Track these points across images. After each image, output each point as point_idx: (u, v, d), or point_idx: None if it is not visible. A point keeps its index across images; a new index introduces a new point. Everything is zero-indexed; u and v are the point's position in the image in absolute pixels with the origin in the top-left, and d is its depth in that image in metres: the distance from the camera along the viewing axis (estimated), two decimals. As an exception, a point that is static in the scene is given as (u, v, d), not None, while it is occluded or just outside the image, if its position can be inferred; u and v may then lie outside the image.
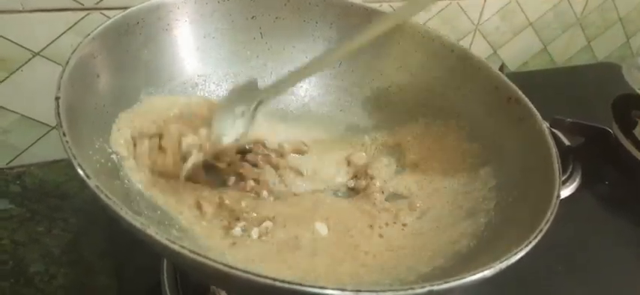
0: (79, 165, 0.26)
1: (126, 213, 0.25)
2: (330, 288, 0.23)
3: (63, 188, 0.53)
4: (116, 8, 0.51)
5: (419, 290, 0.24)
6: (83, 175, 0.26)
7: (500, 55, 0.84)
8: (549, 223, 0.29)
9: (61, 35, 0.51)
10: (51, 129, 0.56)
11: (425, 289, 0.24)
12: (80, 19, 0.51)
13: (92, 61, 0.35)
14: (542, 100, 0.42)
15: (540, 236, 0.29)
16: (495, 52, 0.83)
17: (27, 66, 0.51)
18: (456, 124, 0.44)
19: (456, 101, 0.45)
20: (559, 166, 0.34)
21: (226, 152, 0.42)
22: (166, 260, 0.42)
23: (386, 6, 0.66)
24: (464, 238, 0.36)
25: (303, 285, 0.23)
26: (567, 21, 0.87)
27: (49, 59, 0.51)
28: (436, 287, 0.25)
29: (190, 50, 0.44)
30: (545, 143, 0.36)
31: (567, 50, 0.92)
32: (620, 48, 0.98)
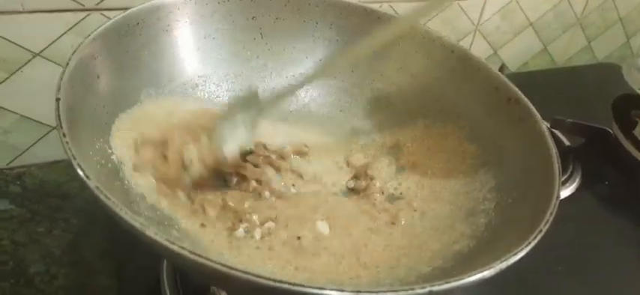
0: (79, 166, 0.26)
1: (125, 214, 0.25)
2: (330, 288, 0.23)
3: (63, 188, 0.53)
4: (116, 9, 0.51)
5: (419, 290, 0.24)
6: (83, 176, 0.26)
7: (500, 56, 0.84)
8: (549, 223, 0.29)
9: (62, 36, 0.51)
10: (51, 129, 0.56)
11: (425, 289, 0.24)
12: (80, 20, 0.51)
13: (92, 62, 0.35)
14: (542, 101, 0.42)
15: (540, 236, 0.29)
16: (495, 53, 0.83)
17: (27, 66, 0.51)
18: (456, 125, 0.44)
19: (456, 102, 0.45)
20: (559, 166, 0.34)
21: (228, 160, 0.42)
22: (166, 260, 0.42)
23: (386, 6, 0.66)
24: (464, 238, 0.36)
25: (303, 286, 0.23)
26: (567, 21, 0.87)
27: (50, 60, 0.51)
28: (436, 287, 0.25)
29: (190, 51, 0.45)
30: (545, 143, 0.36)
31: (567, 50, 0.92)
32: (620, 48, 0.98)
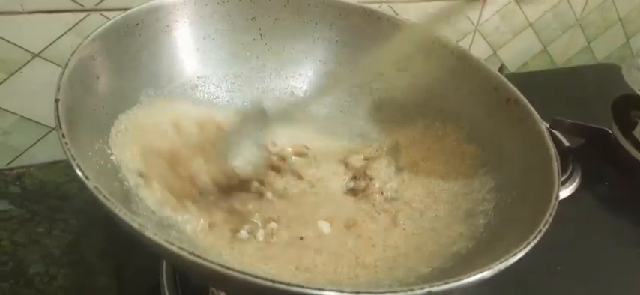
0: (78, 167, 0.26)
1: (124, 215, 0.25)
2: (329, 289, 0.23)
3: (63, 189, 0.53)
4: (116, 10, 0.51)
5: (418, 291, 0.24)
6: (82, 176, 0.26)
7: (500, 56, 0.83)
8: (548, 224, 0.29)
9: (61, 36, 0.51)
10: (51, 130, 0.56)
11: (424, 290, 0.24)
12: (80, 21, 0.51)
13: (92, 63, 0.35)
14: (542, 101, 0.42)
15: (539, 237, 0.29)
16: (495, 53, 0.83)
17: (27, 67, 0.51)
18: (456, 125, 0.44)
19: (456, 102, 0.45)
20: (558, 167, 0.34)
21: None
22: (165, 261, 0.42)
23: (385, 7, 0.66)
24: (463, 239, 0.36)
25: (301, 286, 0.23)
26: (567, 21, 0.87)
27: (49, 60, 0.51)
28: (435, 288, 0.25)
29: (190, 51, 0.44)
30: (544, 144, 0.36)
31: (567, 51, 0.92)
32: (619, 48, 0.98)
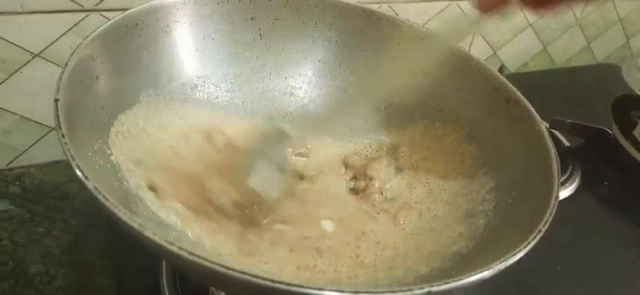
0: (78, 167, 0.26)
1: (124, 215, 0.25)
2: (329, 289, 0.23)
3: (63, 189, 0.53)
4: (115, 10, 0.51)
5: (417, 291, 0.24)
6: (82, 176, 0.26)
7: (500, 56, 0.83)
8: (548, 224, 0.29)
9: (61, 37, 0.51)
10: (50, 130, 0.56)
11: (423, 290, 0.24)
12: (80, 21, 0.51)
13: (91, 63, 0.35)
14: (542, 101, 0.42)
15: (539, 237, 0.28)
16: (495, 53, 0.83)
17: (27, 67, 0.51)
18: (456, 125, 0.44)
19: (456, 102, 0.45)
20: (558, 167, 0.34)
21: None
22: (165, 261, 0.42)
23: (385, 7, 0.66)
24: (463, 239, 0.36)
25: (301, 286, 0.23)
26: (567, 22, 0.87)
27: (49, 60, 0.51)
28: (435, 288, 0.24)
29: (190, 51, 0.44)
30: (544, 144, 0.36)
31: (567, 51, 0.92)
32: (619, 48, 0.98)
